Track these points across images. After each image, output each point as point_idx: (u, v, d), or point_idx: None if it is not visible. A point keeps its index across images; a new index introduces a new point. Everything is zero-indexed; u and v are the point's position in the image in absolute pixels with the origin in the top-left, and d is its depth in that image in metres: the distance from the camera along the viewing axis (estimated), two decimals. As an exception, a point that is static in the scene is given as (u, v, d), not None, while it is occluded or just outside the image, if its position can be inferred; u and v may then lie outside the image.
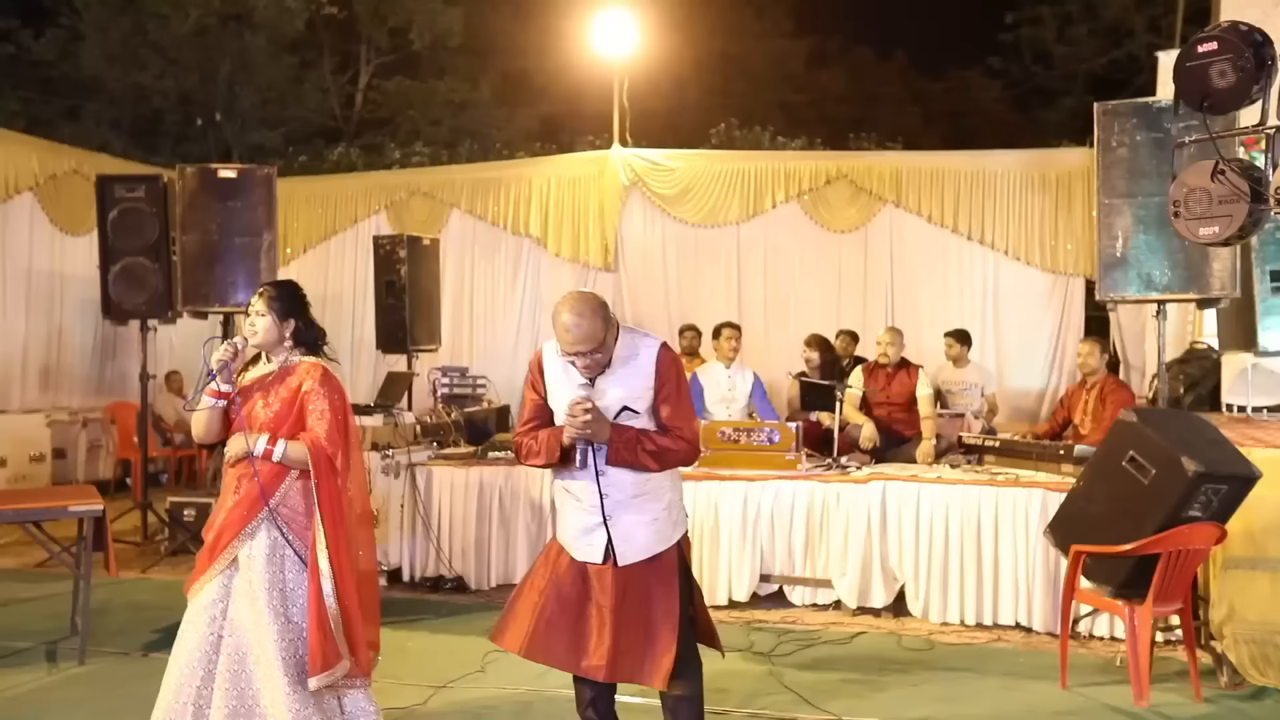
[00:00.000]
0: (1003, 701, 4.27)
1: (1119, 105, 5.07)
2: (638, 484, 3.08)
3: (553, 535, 3.31)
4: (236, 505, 3.25)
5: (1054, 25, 17.92)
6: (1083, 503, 4.37)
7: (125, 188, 6.95)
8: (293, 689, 3.13)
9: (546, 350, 3.17)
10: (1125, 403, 6.05)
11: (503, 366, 10.36)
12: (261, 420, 3.28)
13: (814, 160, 10.59)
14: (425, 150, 13.40)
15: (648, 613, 3.05)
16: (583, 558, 3.09)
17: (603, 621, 3.03)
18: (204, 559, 3.27)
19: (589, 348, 2.96)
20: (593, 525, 3.07)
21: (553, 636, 3.07)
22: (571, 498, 3.13)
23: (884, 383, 6.65)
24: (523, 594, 3.20)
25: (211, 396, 3.29)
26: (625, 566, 3.07)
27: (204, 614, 3.22)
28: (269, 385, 3.34)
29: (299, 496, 3.28)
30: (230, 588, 3.23)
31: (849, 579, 5.60)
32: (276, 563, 3.22)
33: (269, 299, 3.36)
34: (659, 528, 3.11)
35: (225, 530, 3.24)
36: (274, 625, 3.16)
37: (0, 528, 7.01)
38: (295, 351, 3.40)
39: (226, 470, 3.36)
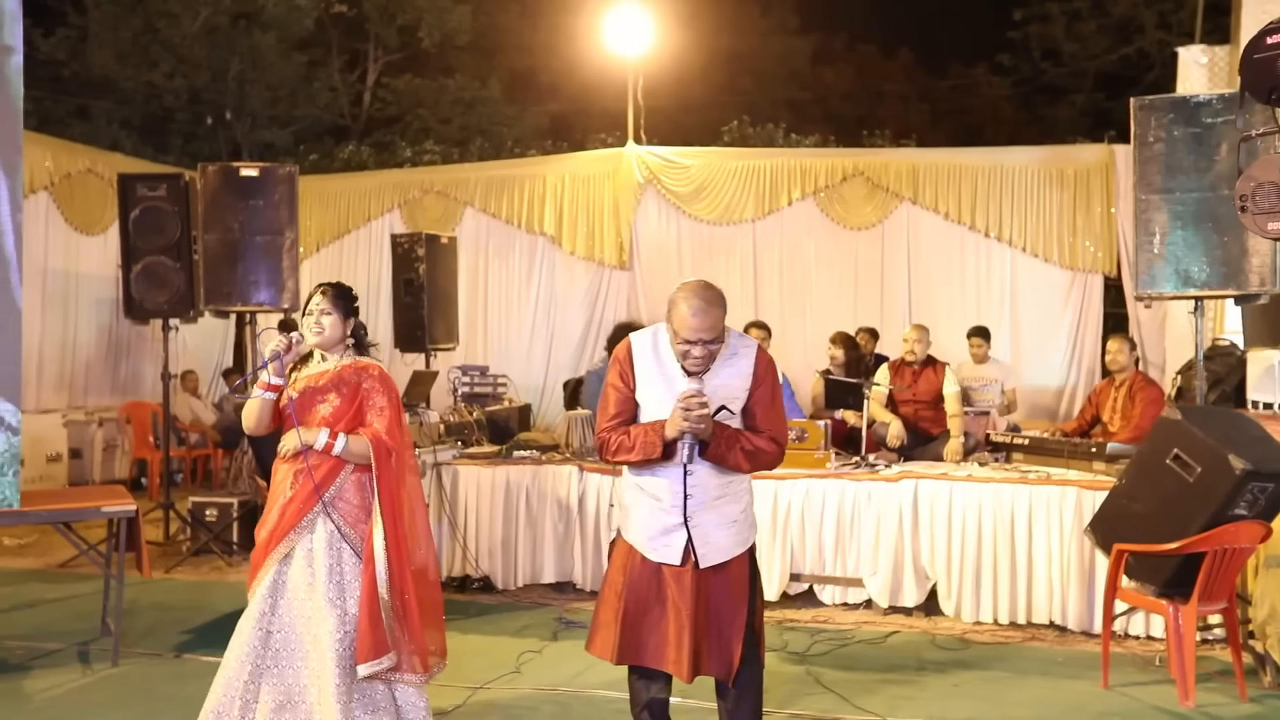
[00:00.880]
0: (1046, 702, 4.23)
1: (1155, 100, 5.03)
2: (721, 485, 3.04)
3: (613, 540, 3.26)
4: (292, 500, 3.27)
5: (1063, 22, 17.85)
6: (1125, 501, 4.34)
7: (147, 186, 6.90)
8: (342, 679, 3.16)
9: (637, 342, 3.10)
10: (1155, 400, 6.02)
11: (517, 365, 10.35)
12: (321, 416, 3.31)
13: (829, 157, 10.56)
14: (437, 148, 13.36)
15: (721, 614, 3.02)
16: (659, 559, 3.03)
17: (681, 624, 2.98)
18: (259, 555, 3.29)
19: (712, 336, 2.92)
20: (672, 526, 3.01)
21: (639, 636, 3.04)
22: (648, 497, 3.06)
23: (910, 380, 6.61)
24: (604, 601, 3.16)
25: (262, 389, 3.30)
26: (704, 569, 3.02)
27: (254, 609, 3.24)
28: (328, 382, 3.36)
29: (354, 490, 3.31)
30: (282, 583, 3.25)
31: (880, 578, 5.57)
32: (334, 555, 3.25)
33: (333, 298, 3.38)
34: (738, 529, 3.07)
35: (281, 525, 3.26)
36: (331, 616, 3.19)
37: (20, 528, 7.05)
38: (349, 351, 3.44)
39: (279, 466, 3.36)
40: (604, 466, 5.93)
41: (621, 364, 3.07)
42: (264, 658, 3.19)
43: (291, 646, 3.20)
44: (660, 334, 3.08)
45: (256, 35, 13.82)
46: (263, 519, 3.35)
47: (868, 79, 23.54)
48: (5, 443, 4.39)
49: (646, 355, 3.07)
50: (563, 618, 5.44)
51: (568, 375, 10.60)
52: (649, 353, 3.07)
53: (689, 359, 2.95)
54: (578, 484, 5.97)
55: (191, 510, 7.09)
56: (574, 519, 5.97)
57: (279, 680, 3.18)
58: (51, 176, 9.49)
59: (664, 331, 3.07)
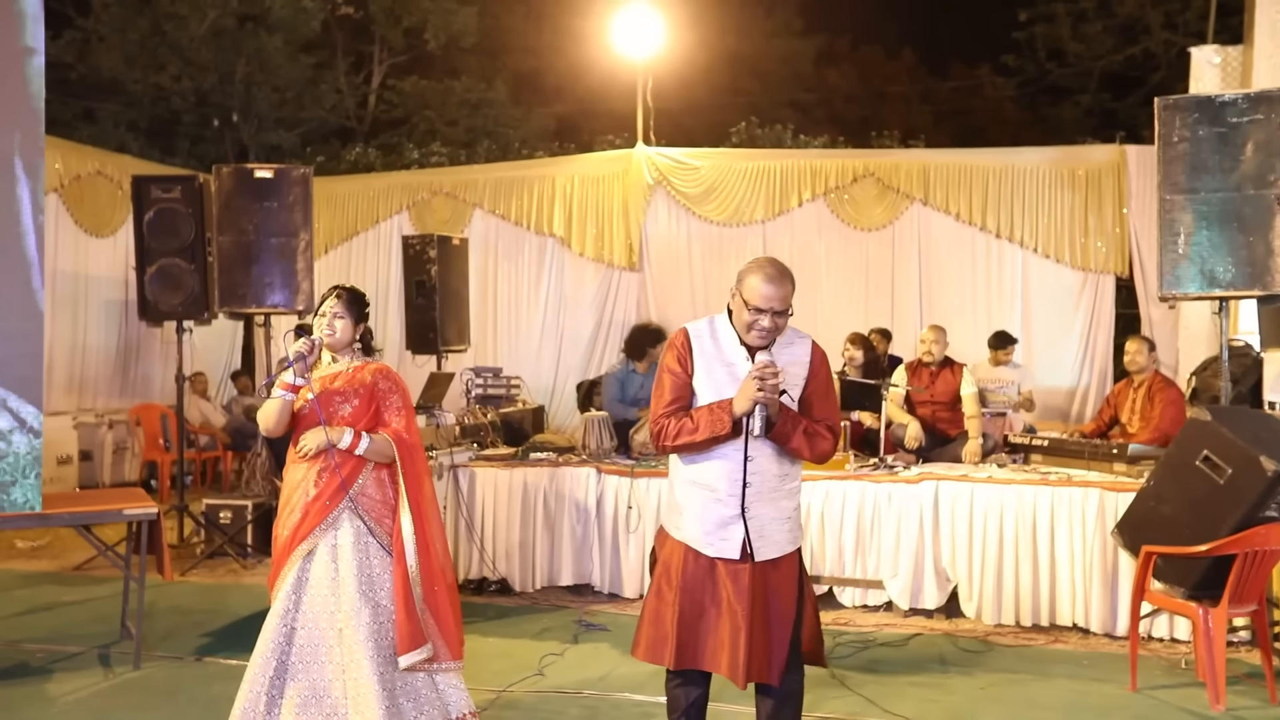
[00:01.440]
0: (1076, 705, 4.21)
1: (1180, 99, 5.00)
2: (779, 477, 3.02)
3: (653, 549, 3.21)
4: (317, 498, 3.30)
5: (1068, 22, 17.83)
6: (1153, 503, 4.32)
7: (161, 188, 6.88)
8: (383, 671, 3.20)
9: (694, 329, 3.09)
10: (1175, 401, 6.00)
11: (527, 366, 10.34)
12: (342, 417, 3.36)
13: (840, 158, 10.55)
14: (443, 150, 13.35)
15: (772, 615, 2.99)
16: (716, 553, 2.98)
17: (737, 625, 2.93)
18: (282, 553, 3.31)
19: (783, 308, 2.94)
20: (729, 518, 2.98)
21: (698, 640, 2.99)
22: (703, 490, 3.01)
23: (928, 381, 6.59)
24: (651, 606, 3.09)
25: (283, 389, 3.32)
26: (760, 564, 2.98)
27: (279, 606, 3.26)
28: (346, 385, 3.41)
29: (375, 487, 3.38)
30: (305, 579, 3.27)
31: (901, 580, 5.54)
32: (362, 550, 3.30)
33: (347, 302, 3.46)
34: (791, 527, 3.06)
35: (305, 523, 3.28)
36: (365, 610, 3.24)
37: (31, 530, 7.03)
38: (358, 354, 3.51)
39: (295, 466, 3.38)
40: (622, 468, 5.92)
41: (679, 349, 3.05)
42: (288, 654, 3.23)
43: (315, 642, 3.24)
44: (718, 321, 3.09)
45: (263, 37, 13.81)
46: (282, 517, 3.36)
47: (871, 80, 23.54)
48: (27, 445, 4.37)
49: (705, 341, 3.06)
50: (582, 620, 5.42)
51: (577, 377, 10.59)
52: (708, 339, 3.06)
53: (756, 329, 2.95)
54: (595, 486, 5.95)
55: (205, 513, 7.07)
56: (591, 521, 5.95)
57: (304, 676, 3.22)
58: (61, 178, 9.48)
59: (721, 319, 3.08)
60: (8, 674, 4.56)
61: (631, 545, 5.88)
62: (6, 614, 5.59)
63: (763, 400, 2.86)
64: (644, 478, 5.85)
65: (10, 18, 4.27)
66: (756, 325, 2.94)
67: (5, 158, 4.28)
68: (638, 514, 5.85)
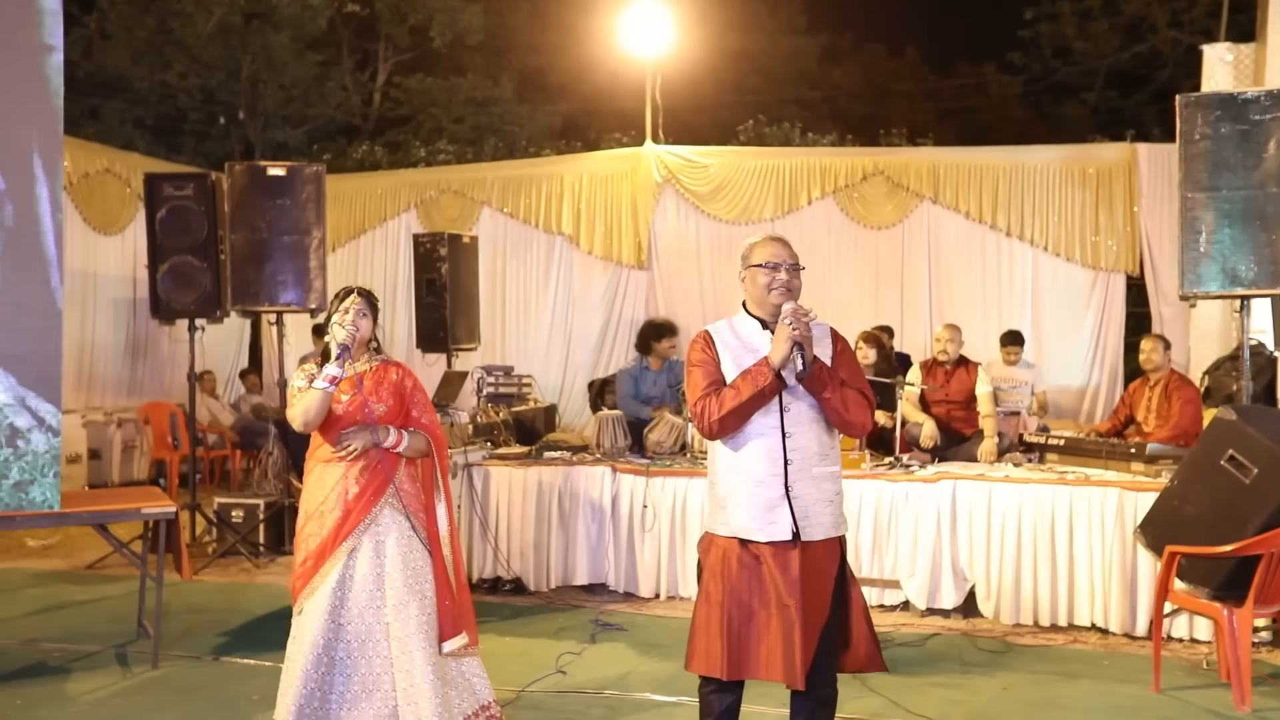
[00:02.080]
0: (1100, 706, 4.19)
1: (1202, 97, 4.98)
2: (820, 452, 3.02)
3: (698, 548, 3.19)
4: (359, 495, 3.31)
5: (1074, 20, 17.81)
6: (1177, 503, 4.30)
7: (174, 186, 6.86)
8: (435, 662, 3.27)
9: (713, 327, 3.16)
10: (1193, 399, 5.99)
11: (535, 365, 10.31)
12: (378, 415, 3.37)
13: (849, 156, 10.53)
14: (450, 148, 13.32)
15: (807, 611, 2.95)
16: (767, 537, 2.97)
17: (790, 620, 2.90)
18: (323, 553, 3.27)
19: (793, 262, 3.05)
20: (775, 500, 2.97)
21: (748, 646, 2.97)
22: (745, 477, 3.01)
23: (943, 380, 6.57)
24: (701, 615, 3.08)
25: (326, 381, 3.31)
26: (809, 549, 2.97)
27: (323, 604, 3.24)
28: (374, 383, 3.42)
29: (409, 482, 3.43)
30: (349, 576, 3.27)
31: (918, 579, 5.53)
32: (405, 544, 3.34)
33: (369, 301, 3.47)
34: (835, 510, 3.06)
35: (347, 521, 3.28)
36: (413, 603, 3.28)
37: (44, 528, 7.01)
38: (374, 354, 3.53)
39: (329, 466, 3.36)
40: (637, 467, 5.90)
41: (702, 343, 3.11)
42: (336, 649, 3.23)
43: (363, 637, 3.25)
44: (734, 319, 3.15)
45: (269, 35, 13.79)
46: (315, 518, 3.32)
47: (874, 78, 23.51)
48: (46, 444, 4.35)
49: (725, 334, 3.11)
50: (599, 620, 5.40)
51: (586, 375, 10.57)
52: (728, 333, 3.12)
53: (775, 287, 3.01)
54: (610, 485, 5.93)
55: (218, 511, 7.05)
56: (607, 520, 5.93)
57: (353, 671, 3.24)
58: (70, 176, 9.44)
59: (737, 317, 3.14)
60: (26, 673, 4.55)
61: (647, 545, 5.87)
62: (21, 613, 5.58)
63: (798, 338, 2.89)
64: (659, 477, 5.84)
65: (29, 15, 4.25)
66: (775, 282, 3.01)
67: (24, 155, 4.26)
68: (653, 513, 5.84)
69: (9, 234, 4.23)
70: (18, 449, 4.28)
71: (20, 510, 4.29)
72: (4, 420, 4.25)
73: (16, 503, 4.28)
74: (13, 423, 4.26)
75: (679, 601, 5.75)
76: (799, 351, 2.90)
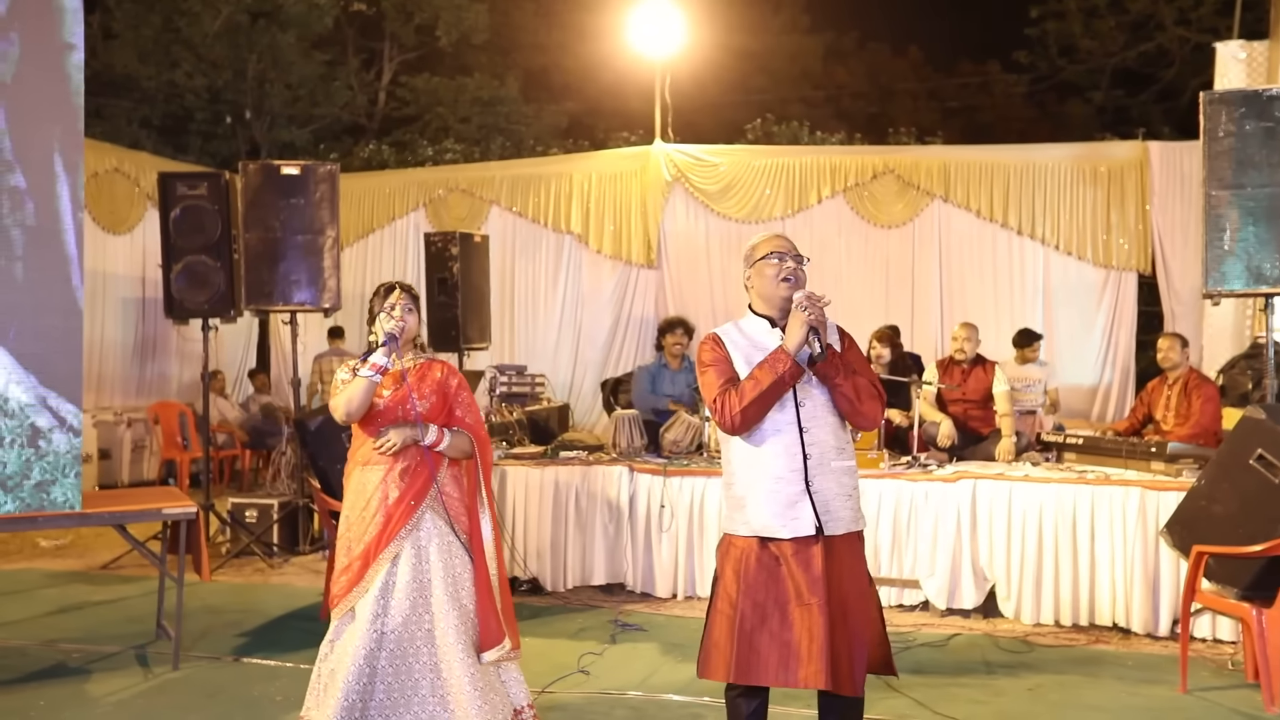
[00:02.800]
0: (1127, 707, 4.17)
1: (1227, 94, 4.95)
2: (837, 446, 3.02)
3: (716, 553, 3.18)
4: (400, 500, 3.26)
5: (1080, 18, 17.77)
6: (1204, 502, 4.28)
7: (187, 185, 6.84)
8: (473, 671, 3.21)
9: (720, 329, 3.18)
10: (1213, 397, 5.95)
11: (544, 364, 10.29)
12: (419, 413, 3.30)
13: (859, 155, 10.51)
14: (458, 147, 13.29)
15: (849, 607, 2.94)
16: (790, 533, 2.95)
17: (813, 621, 2.87)
18: (366, 559, 3.22)
19: (797, 252, 3.09)
20: (795, 495, 2.97)
21: (758, 652, 2.93)
22: (764, 474, 3.00)
23: (959, 379, 6.55)
24: (714, 612, 3.06)
25: (372, 370, 3.26)
26: (833, 545, 2.95)
27: (367, 610, 3.19)
28: (415, 380, 3.37)
29: (452, 484, 3.37)
30: (392, 583, 3.23)
31: (938, 579, 5.50)
32: (445, 550, 3.28)
33: (413, 297, 3.42)
34: (854, 504, 3.05)
35: (389, 527, 3.23)
36: (453, 611, 3.23)
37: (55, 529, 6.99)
38: (419, 351, 3.48)
39: (368, 469, 3.31)
40: (655, 467, 5.88)
41: (711, 343, 3.13)
42: (379, 659, 3.18)
43: (404, 645, 3.21)
44: (741, 320, 3.18)
45: (276, 34, 13.75)
46: (357, 524, 3.27)
47: (878, 77, 23.50)
48: (67, 444, 4.33)
49: (734, 334, 3.14)
50: (618, 620, 5.38)
51: (595, 374, 10.56)
52: (735, 333, 3.14)
53: (783, 277, 3.03)
54: (628, 485, 5.91)
55: (231, 512, 7.02)
56: (624, 520, 5.91)
57: (394, 680, 3.19)
58: (79, 175, 9.42)
59: (744, 318, 3.18)
60: (47, 674, 4.53)
61: (664, 545, 5.84)
62: (39, 613, 5.56)
63: (813, 322, 2.91)
64: (677, 476, 5.82)
65: (50, 13, 4.23)
66: (783, 271, 3.03)
67: (45, 154, 4.24)
68: (671, 513, 5.82)
69: (30, 233, 4.21)
70: (39, 449, 4.26)
71: (42, 510, 4.27)
72: (26, 420, 4.23)
73: (38, 503, 4.26)
74: (34, 423, 4.24)
75: (697, 602, 5.72)
76: (814, 336, 2.92)
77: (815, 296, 2.94)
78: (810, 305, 2.91)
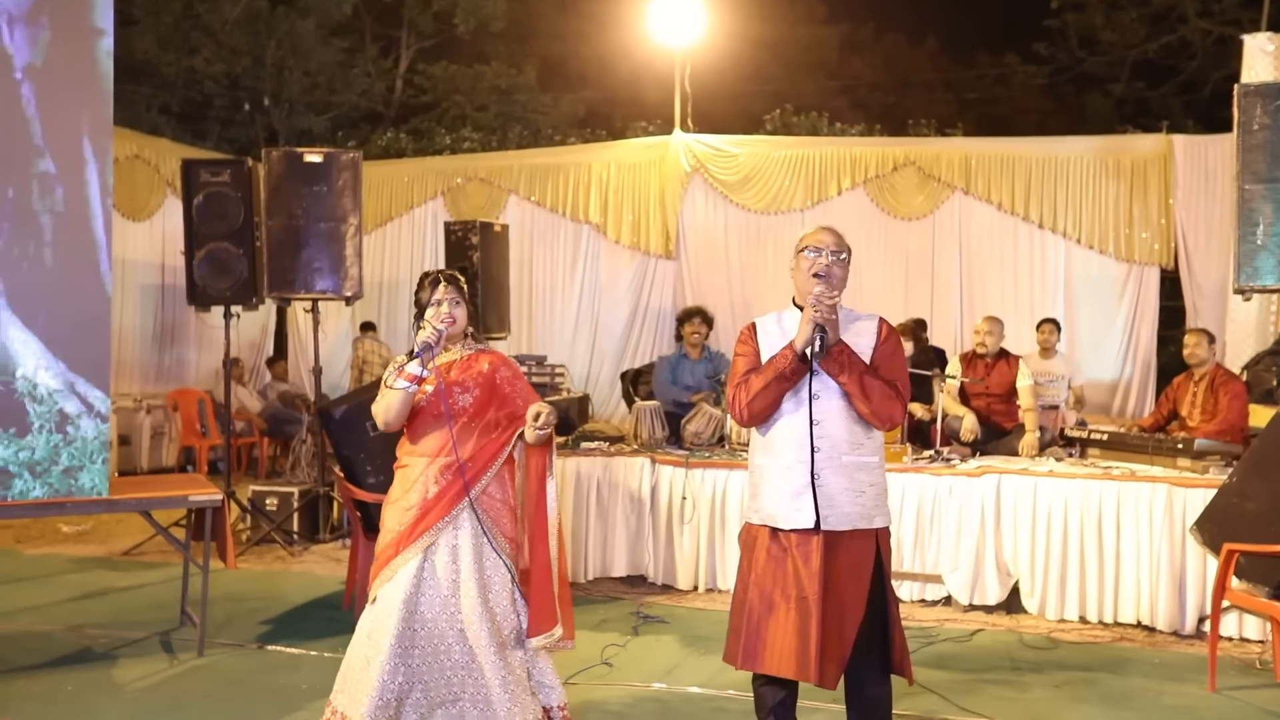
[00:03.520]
0: (1156, 705, 4.14)
1: (1262, 86, 4.89)
2: (851, 441, 3.01)
3: (739, 541, 3.18)
4: (438, 497, 3.22)
5: (1101, 10, 17.63)
6: (1236, 499, 4.24)
7: (210, 172, 6.83)
8: (504, 675, 3.17)
9: (760, 320, 3.21)
10: (1240, 394, 5.90)
11: (562, 354, 10.29)
12: (462, 407, 3.25)
13: (880, 147, 10.45)
14: (475, 135, 13.28)
15: (843, 603, 2.94)
16: (791, 525, 2.98)
17: (807, 612, 2.90)
18: (399, 543, 3.20)
19: (837, 248, 3.08)
20: (800, 488, 2.98)
21: (763, 639, 2.96)
22: (775, 462, 3.03)
23: (983, 373, 6.51)
24: (734, 599, 3.12)
25: (408, 380, 3.20)
26: (830, 540, 2.95)
27: (398, 593, 3.15)
28: (460, 374, 3.31)
29: (497, 486, 3.30)
30: (426, 576, 3.19)
31: (961, 574, 5.48)
32: (477, 553, 3.23)
33: (460, 287, 3.33)
34: (863, 502, 3.02)
35: (423, 520, 3.20)
36: (485, 615, 3.18)
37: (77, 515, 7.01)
38: (469, 342, 3.40)
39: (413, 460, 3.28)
40: (677, 458, 5.86)
41: (745, 334, 3.19)
42: (413, 656, 3.15)
43: (436, 641, 3.17)
44: (784, 312, 3.19)
45: (295, 21, 13.76)
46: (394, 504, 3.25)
47: (895, 68, 23.38)
48: (95, 430, 4.34)
49: (770, 326, 3.17)
50: (640, 612, 5.37)
51: (613, 365, 10.54)
52: (773, 324, 3.17)
53: (815, 268, 3.04)
54: (650, 476, 5.91)
55: (252, 499, 7.04)
56: (646, 512, 5.90)
57: (430, 680, 3.16)
58: (100, 161, 9.44)
59: (786, 311, 3.18)
60: (73, 659, 4.55)
61: (686, 537, 5.83)
62: (64, 599, 5.58)
63: (819, 320, 2.93)
64: (699, 468, 5.80)
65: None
66: (815, 266, 3.04)
67: (74, 139, 4.24)
68: (692, 505, 5.80)
69: (59, 218, 4.21)
70: (67, 435, 4.27)
71: (70, 496, 4.28)
72: (54, 406, 4.24)
73: (66, 489, 4.27)
74: (63, 409, 4.25)
75: (718, 594, 5.72)
76: (820, 334, 2.93)
77: (825, 294, 2.95)
78: (817, 303, 2.94)
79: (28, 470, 4.22)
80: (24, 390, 4.19)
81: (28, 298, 4.20)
